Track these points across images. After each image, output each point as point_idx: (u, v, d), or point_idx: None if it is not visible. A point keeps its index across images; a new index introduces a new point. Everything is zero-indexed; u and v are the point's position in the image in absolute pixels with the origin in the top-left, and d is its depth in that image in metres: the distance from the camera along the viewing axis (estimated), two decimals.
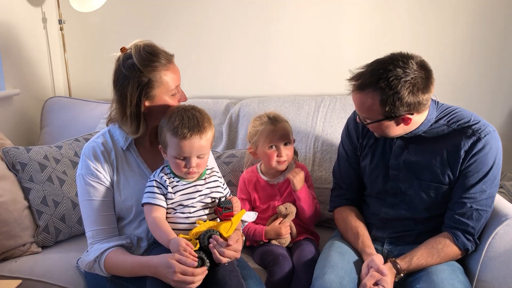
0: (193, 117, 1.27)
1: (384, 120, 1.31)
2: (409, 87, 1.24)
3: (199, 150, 1.28)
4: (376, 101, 1.27)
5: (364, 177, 1.55)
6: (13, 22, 2.20)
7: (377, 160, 1.48)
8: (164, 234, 1.24)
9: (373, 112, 1.31)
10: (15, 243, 1.62)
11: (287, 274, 1.48)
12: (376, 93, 1.27)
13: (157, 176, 1.33)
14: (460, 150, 1.33)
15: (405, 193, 1.43)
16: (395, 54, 1.29)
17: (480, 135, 1.32)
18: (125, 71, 1.29)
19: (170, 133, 1.26)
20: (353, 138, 1.56)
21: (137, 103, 1.30)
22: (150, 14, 2.38)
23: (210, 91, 2.41)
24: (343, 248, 1.45)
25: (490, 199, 1.36)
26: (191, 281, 1.17)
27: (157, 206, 1.29)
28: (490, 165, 1.33)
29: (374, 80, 1.26)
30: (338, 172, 1.63)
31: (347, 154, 1.58)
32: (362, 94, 1.30)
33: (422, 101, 1.28)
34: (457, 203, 1.36)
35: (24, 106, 2.32)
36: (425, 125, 1.37)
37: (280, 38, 2.31)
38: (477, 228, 1.35)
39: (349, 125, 1.58)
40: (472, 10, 2.13)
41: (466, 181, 1.34)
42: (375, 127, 1.36)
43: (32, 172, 1.71)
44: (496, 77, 2.19)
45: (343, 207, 1.59)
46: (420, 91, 1.26)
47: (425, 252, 1.35)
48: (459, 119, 1.37)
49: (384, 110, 1.28)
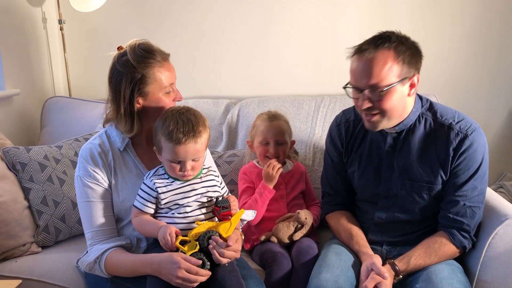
0: (188, 121, 1.25)
1: (399, 82, 1.26)
2: (412, 45, 1.30)
3: (194, 154, 1.27)
4: (391, 59, 1.25)
5: (353, 182, 1.54)
6: (13, 22, 2.20)
7: (365, 164, 1.47)
8: (152, 225, 1.27)
9: (387, 74, 1.25)
10: (15, 243, 1.62)
11: (286, 272, 1.48)
12: (391, 49, 1.26)
13: (147, 179, 1.33)
14: (449, 149, 1.34)
15: (397, 195, 1.43)
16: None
17: (467, 132, 1.33)
18: (119, 67, 1.30)
19: (165, 137, 1.25)
20: (337, 145, 1.54)
21: (130, 100, 1.31)
22: (150, 14, 2.39)
23: (210, 91, 2.41)
24: (339, 249, 1.45)
25: (482, 195, 1.37)
26: (194, 279, 1.17)
27: (141, 212, 1.31)
28: (479, 161, 1.34)
29: (386, 39, 1.27)
30: (325, 180, 1.62)
31: (333, 161, 1.57)
32: (377, 53, 1.25)
33: (419, 67, 1.32)
34: (449, 202, 1.36)
35: (24, 106, 2.32)
36: (414, 113, 1.37)
37: (280, 38, 2.31)
38: (472, 225, 1.36)
39: (332, 132, 1.57)
40: (472, 11, 2.13)
41: (457, 179, 1.35)
42: (386, 98, 1.27)
43: (32, 172, 1.71)
44: (496, 77, 2.20)
45: (335, 212, 1.58)
46: (419, 54, 1.31)
47: (423, 252, 1.35)
48: (444, 113, 1.39)
49: (400, 69, 1.26)
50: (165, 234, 1.21)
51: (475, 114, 1.44)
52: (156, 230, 1.25)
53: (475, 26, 2.14)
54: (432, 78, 2.15)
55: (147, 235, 1.34)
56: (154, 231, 1.26)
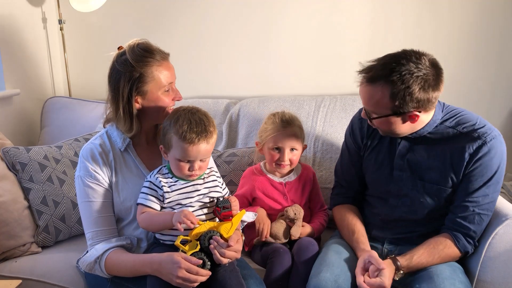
0: (200, 122, 1.27)
1: (392, 115, 1.29)
2: (421, 82, 1.23)
3: (204, 155, 1.29)
4: (386, 95, 1.26)
5: (366, 177, 1.54)
6: (13, 22, 2.20)
7: (381, 161, 1.47)
8: (163, 216, 1.26)
9: (381, 107, 1.29)
10: (15, 243, 1.62)
11: (287, 268, 1.47)
12: (386, 87, 1.25)
13: (152, 177, 1.33)
14: (465, 153, 1.32)
15: (407, 194, 1.42)
16: (408, 50, 1.28)
17: (486, 139, 1.31)
18: (118, 66, 1.31)
19: (178, 137, 1.26)
20: (357, 138, 1.54)
21: (129, 99, 1.31)
22: (150, 14, 2.39)
23: (210, 91, 2.41)
24: (340, 248, 1.45)
25: (492, 203, 1.35)
26: (194, 279, 1.17)
27: (148, 208, 1.30)
28: (494, 169, 1.32)
29: (387, 73, 1.24)
30: (340, 170, 1.62)
31: (350, 153, 1.57)
32: (372, 86, 1.28)
33: (431, 99, 1.27)
34: (459, 207, 1.35)
35: (24, 106, 2.32)
36: (431, 125, 1.36)
37: (280, 38, 2.31)
38: (478, 232, 1.35)
39: (354, 124, 1.57)
40: (472, 10, 2.13)
41: (470, 185, 1.33)
42: (381, 122, 1.33)
43: (32, 172, 1.71)
44: (496, 78, 2.19)
45: (342, 205, 1.59)
46: (431, 88, 1.25)
47: (426, 252, 1.35)
48: (464, 122, 1.36)
49: (393, 105, 1.26)
50: (180, 217, 1.20)
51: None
52: (168, 219, 1.24)
53: (475, 26, 2.14)
54: None
55: (157, 228, 1.31)
56: (166, 221, 1.24)
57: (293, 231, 1.56)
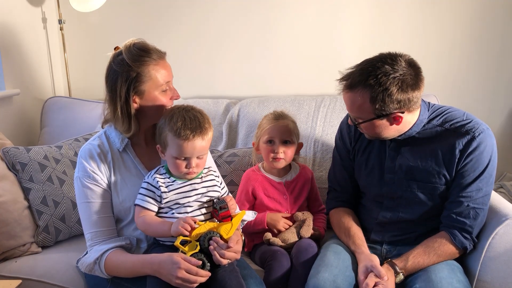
0: (194, 118, 1.27)
1: (376, 119, 1.30)
2: (398, 83, 1.25)
3: (200, 151, 1.29)
4: (366, 99, 1.28)
5: (359, 182, 1.55)
6: (13, 22, 2.20)
7: (372, 164, 1.48)
8: (161, 227, 1.26)
9: (364, 111, 1.31)
10: (15, 243, 1.62)
11: (285, 271, 1.48)
12: (365, 91, 1.27)
13: (149, 177, 1.33)
14: (455, 150, 1.33)
15: (402, 196, 1.43)
16: (384, 53, 1.30)
17: (474, 133, 1.32)
18: (115, 66, 1.31)
19: (172, 134, 1.26)
20: (346, 142, 1.56)
21: (126, 99, 1.31)
22: (150, 14, 2.38)
23: (210, 91, 2.41)
24: (338, 248, 1.46)
25: (487, 197, 1.36)
26: (194, 280, 1.17)
27: (145, 210, 1.30)
28: (485, 163, 1.33)
29: (363, 78, 1.26)
30: (332, 175, 1.63)
31: (341, 157, 1.58)
32: (352, 93, 1.30)
33: (412, 99, 1.28)
34: (454, 202, 1.36)
35: (24, 106, 2.32)
36: (418, 125, 1.37)
37: (280, 38, 2.31)
38: (474, 227, 1.36)
39: (342, 129, 1.59)
40: (472, 11, 2.13)
41: (463, 180, 1.34)
42: (367, 127, 1.35)
43: (32, 172, 1.71)
44: (496, 78, 2.20)
45: (338, 208, 1.59)
46: (410, 88, 1.26)
47: (421, 251, 1.35)
48: (451, 119, 1.38)
49: (374, 108, 1.28)
50: (179, 225, 1.21)
51: (475, 114, 1.43)
52: (166, 228, 1.24)
53: (475, 26, 2.14)
54: (432, 78, 2.13)
55: (154, 235, 1.33)
56: (165, 230, 1.25)
57: (303, 232, 1.58)
